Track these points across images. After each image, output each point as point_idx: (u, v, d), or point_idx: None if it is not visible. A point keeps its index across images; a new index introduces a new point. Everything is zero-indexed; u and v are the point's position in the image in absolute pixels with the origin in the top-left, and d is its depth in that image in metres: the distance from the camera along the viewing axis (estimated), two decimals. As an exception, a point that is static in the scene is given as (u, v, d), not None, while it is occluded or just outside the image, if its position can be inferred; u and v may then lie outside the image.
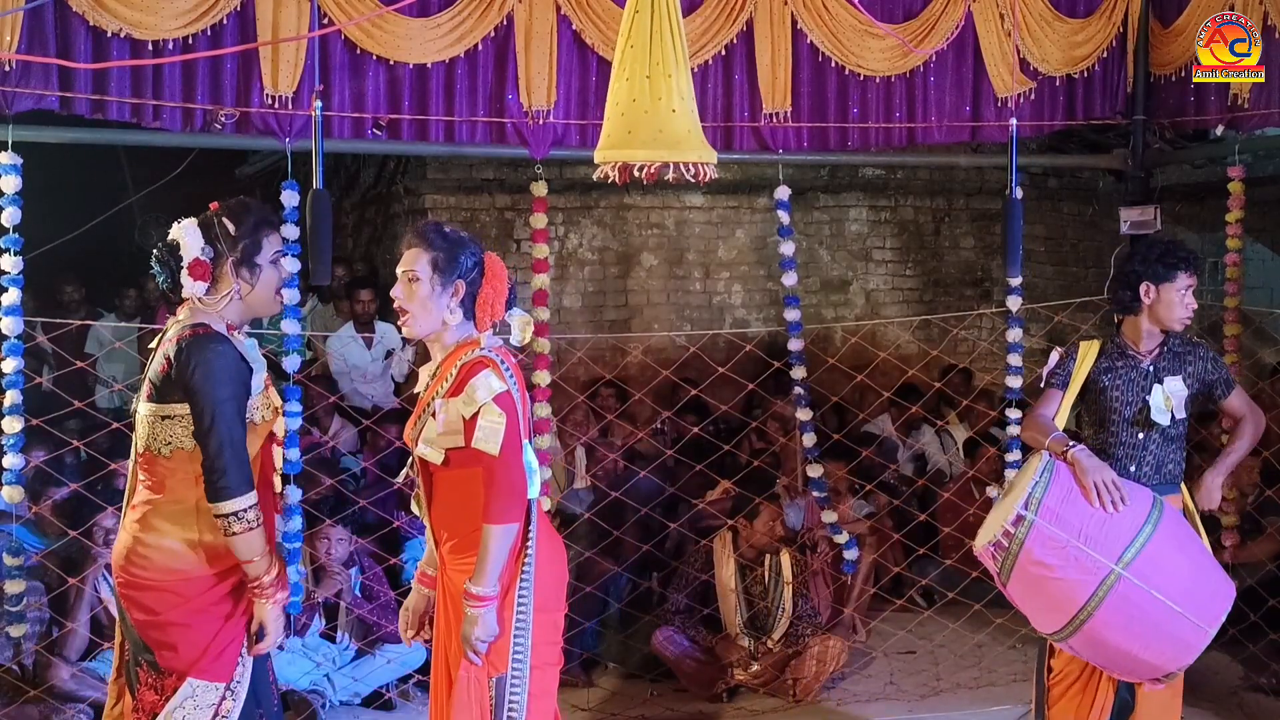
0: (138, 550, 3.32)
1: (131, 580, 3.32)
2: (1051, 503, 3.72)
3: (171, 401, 3.28)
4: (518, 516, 3.25)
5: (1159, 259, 4.11)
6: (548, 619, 3.34)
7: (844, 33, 5.94)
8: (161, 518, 3.32)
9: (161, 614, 3.29)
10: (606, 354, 7.78)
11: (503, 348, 3.36)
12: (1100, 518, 3.71)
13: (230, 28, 5.04)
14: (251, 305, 3.44)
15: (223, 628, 3.32)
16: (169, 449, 3.30)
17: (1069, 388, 4.17)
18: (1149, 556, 3.66)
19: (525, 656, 3.25)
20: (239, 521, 3.20)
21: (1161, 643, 3.69)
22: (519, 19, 5.47)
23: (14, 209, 4.77)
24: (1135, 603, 3.62)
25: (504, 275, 3.39)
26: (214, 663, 3.31)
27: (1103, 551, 3.65)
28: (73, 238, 6.33)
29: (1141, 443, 4.09)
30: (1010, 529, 3.71)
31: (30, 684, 5.16)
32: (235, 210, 3.41)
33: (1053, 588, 3.69)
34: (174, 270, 3.35)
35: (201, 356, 3.24)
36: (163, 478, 3.32)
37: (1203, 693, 5.27)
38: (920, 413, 7.43)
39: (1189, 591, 3.69)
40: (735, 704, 5.68)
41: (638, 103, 3.36)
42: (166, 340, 3.35)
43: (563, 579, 3.48)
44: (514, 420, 3.23)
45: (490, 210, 7.93)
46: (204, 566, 3.31)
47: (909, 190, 9.04)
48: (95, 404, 6.10)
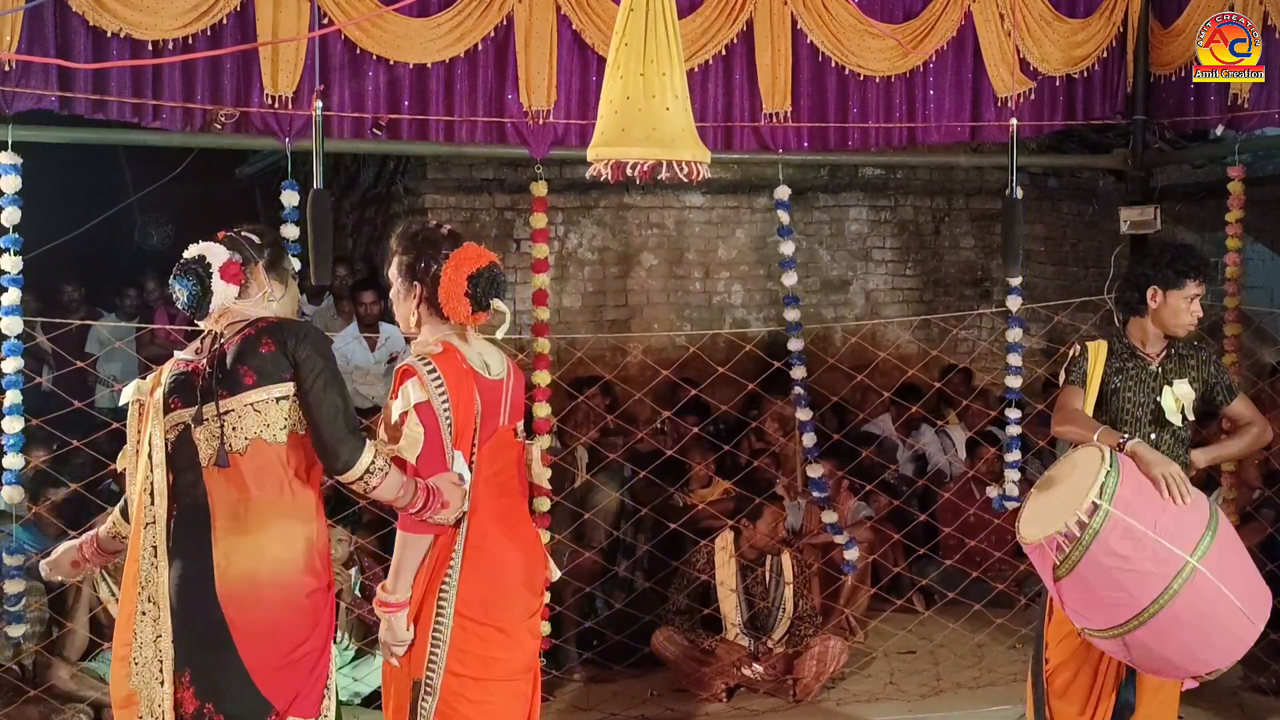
0: (264, 571, 3.07)
1: (260, 610, 3.06)
2: (1125, 494, 3.65)
3: (282, 381, 3.12)
4: (428, 528, 3.18)
5: (1169, 264, 4.09)
6: (474, 629, 3.23)
7: (844, 33, 5.95)
8: (281, 519, 3.12)
9: (294, 646, 3.10)
10: (606, 354, 7.78)
11: (443, 354, 3.23)
12: (1172, 510, 3.67)
13: (230, 28, 5.04)
14: (283, 311, 3.33)
15: (324, 648, 3.18)
16: (284, 432, 3.13)
17: (1087, 385, 4.16)
18: (1216, 551, 3.64)
19: (440, 664, 3.20)
20: (374, 475, 3.09)
21: (1221, 638, 3.67)
22: (519, 19, 5.47)
23: (14, 209, 4.77)
24: (1206, 596, 3.59)
25: (464, 270, 3.24)
26: (312, 693, 3.15)
27: (1179, 544, 3.61)
28: (73, 238, 6.34)
29: (1154, 444, 4.07)
30: (1085, 519, 3.62)
31: (30, 684, 5.16)
32: (248, 227, 3.35)
33: (1126, 579, 3.62)
34: (203, 277, 3.19)
35: (304, 326, 3.17)
36: (273, 473, 3.12)
37: (1203, 693, 5.25)
38: (920, 413, 7.43)
39: (1246, 587, 3.68)
40: (735, 704, 5.68)
41: (631, 100, 3.37)
42: (234, 335, 3.17)
43: (498, 591, 3.28)
44: (434, 432, 3.18)
45: (490, 210, 7.93)
46: (325, 571, 3.17)
47: (909, 190, 9.04)
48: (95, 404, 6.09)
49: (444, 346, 3.26)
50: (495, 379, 3.34)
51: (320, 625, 3.17)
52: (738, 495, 6.20)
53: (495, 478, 3.33)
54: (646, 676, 5.89)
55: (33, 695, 5.06)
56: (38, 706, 5.06)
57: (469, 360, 3.28)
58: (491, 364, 3.37)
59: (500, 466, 3.35)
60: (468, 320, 3.29)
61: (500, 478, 3.35)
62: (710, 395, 6.69)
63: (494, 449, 3.31)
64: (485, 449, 3.28)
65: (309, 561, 3.15)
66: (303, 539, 3.14)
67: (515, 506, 3.43)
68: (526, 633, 3.36)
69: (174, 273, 3.25)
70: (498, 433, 3.33)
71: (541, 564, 3.49)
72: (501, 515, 3.33)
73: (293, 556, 3.12)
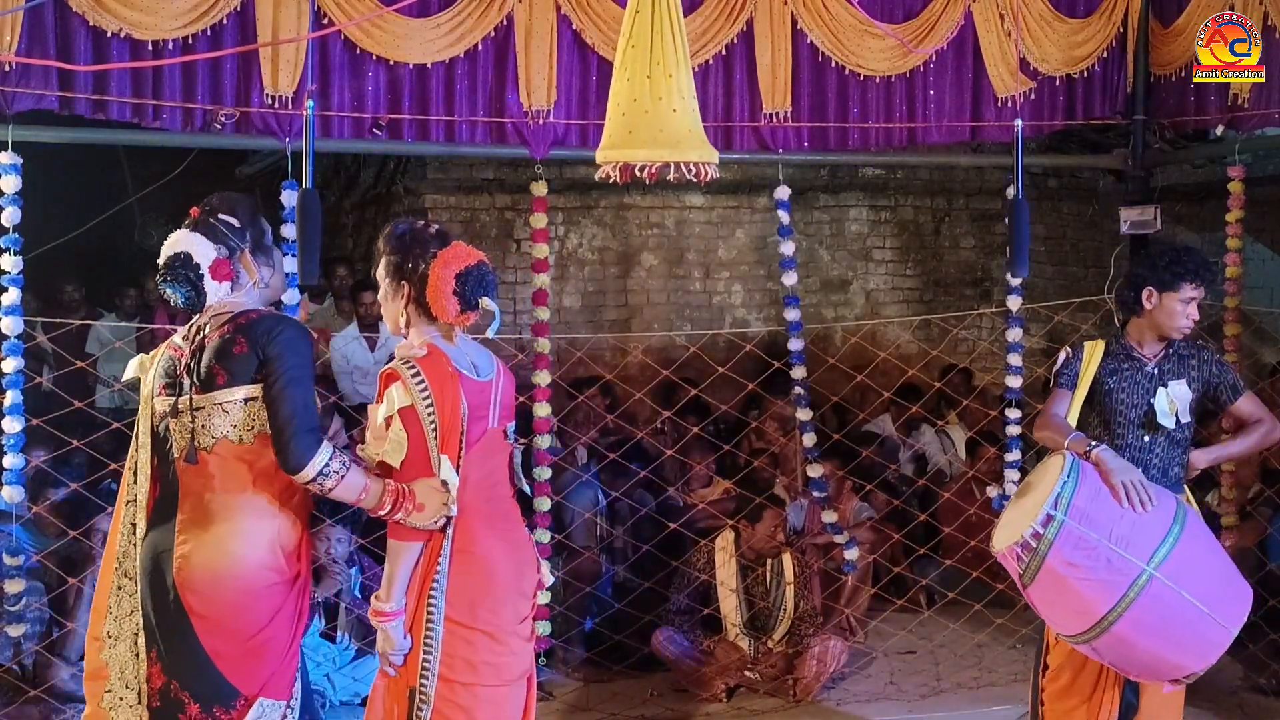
0: (229, 557, 3.10)
1: (220, 601, 3.10)
2: (1080, 503, 3.66)
3: (254, 382, 3.12)
4: (417, 534, 3.18)
5: (1167, 265, 4.06)
6: (462, 634, 3.21)
7: (844, 33, 5.95)
8: (245, 514, 3.14)
9: (254, 626, 3.12)
10: (606, 354, 7.78)
11: (427, 357, 3.20)
12: (1130, 518, 3.67)
13: (230, 28, 5.04)
14: (275, 289, 3.40)
15: (296, 634, 3.21)
16: (252, 435, 3.13)
17: (1077, 387, 4.15)
18: (1178, 557, 3.63)
19: (433, 670, 3.20)
20: (329, 478, 3.08)
21: (1190, 643, 3.67)
22: (519, 19, 5.47)
23: (14, 209, 4.77)
24: (1166, 603, 3.60)
25: (452, 268, 3.20)
26: (285, 677, 3.19)
27: (1134, 552, 3.61)
28: (73, 238, 6.34)
29: (1147, 445, 4.07)
30: (1039, 529, 3.63)
31: (30, 684, 5.17)
32: (224, 205, 3.32)
33: (1082, 589, 3.64)
34: (195, 280, 3.20)
35: (278, 324, 3.15)
36: (240, 469, 3.14)
37: (1203, 693, 5.25)
38: (920, 413, 7.42)
39: (1215, 592, 3.68)
40: (735, 704, 5.68)
41: (639, 102, 3.36)
42: (214, 330, 3.18)
43: (486, 593, 3.24)
44: (418, 437, 3.16)
45: (490, 210, 7.93)
46: (288, 565, 3.18)
47: (909, 190, 9.04)
48: (95, 404, 6.09)
49: (429, 349, 3.22)
50: (483, 381, 3.29)
51: (282, 614, 3.17)
52: (738, 495, 6.19)
53: (484, 480, 3.28)
54: (646, 676, 5.89)
55: (33, 695, 5.06)
56: (38, 706, 5.07)
57: (455, 362, 3.23)
58: (480, 365, 3.32)
59: (489, 469, 3.31)
60: (456, 320, 3.23)
61: (490, 480, 3.31)
62: (710, 395, 6.69)
63: (483, 451, 3.27)
64: (474, 452, 3.23)
65: (272, 558, 3.16)
66: (265, 536, 3.15)
67: (506, 509, 3.39)
68: (517, 637, 3.31)
69: (161, 275, 3.25)
70: (487, 435, 3.27)
71: (533, 567, 3.43)
72: (491, 518, 3.29)
73: (253, 553, 3.13)
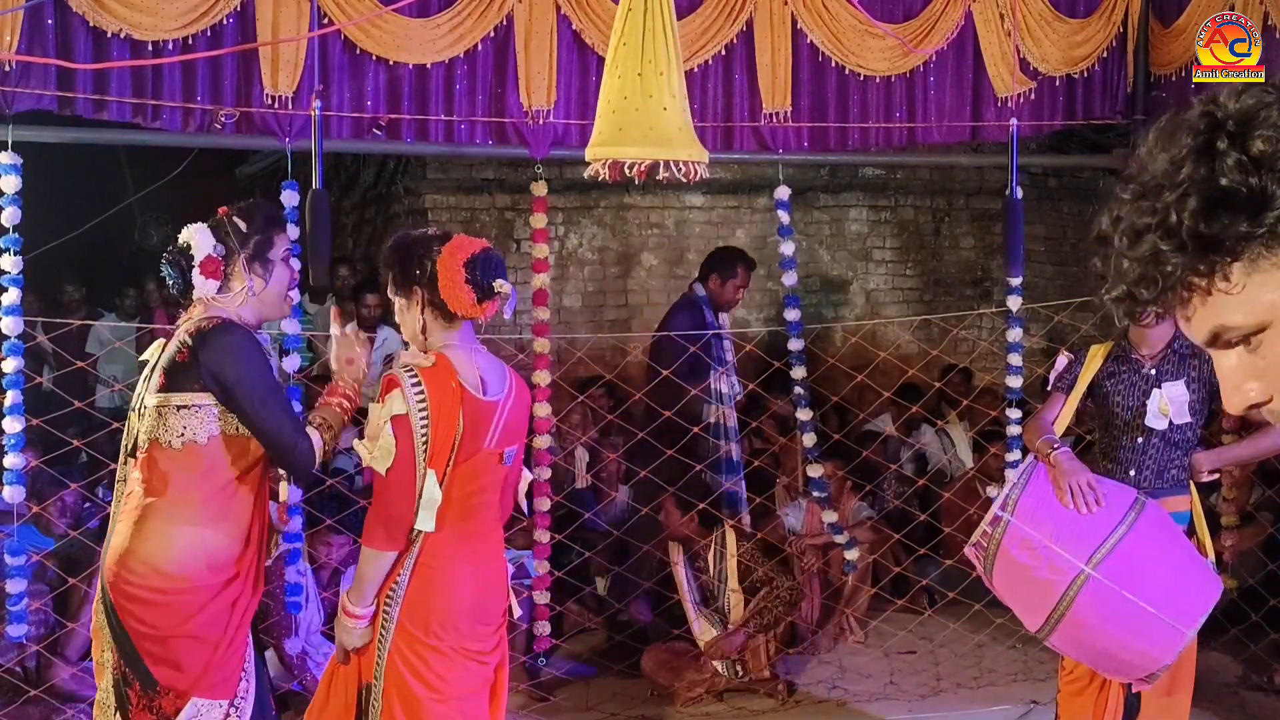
0: (137, 557, 3.16)
1: (131, 592, 3.15)
2: (1028, 503, 3.76)
3: (189, 390, 3.17)
4: (390, 544, 3.16)
5: None
6: (414, 644, 3.18)
7: (844, 33, 5.94)
8: (164, 520, 3.17)
9: (164, 628, 3.15)
10: (606, 354, 7.78)
11: (433, 368, 3.15)
12: (1073, 518, 3.72)
13: (230, 28, 5.04)
14: (265, 302, 3.38)
15: (229, 640, 3.23)
16: (181, 441, 3.16)
17: (1073, 391, 4.17)
18: (1121, 556, 3.65)
19: (381, 674, 3.20)
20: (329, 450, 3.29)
21: (1136, 642, 3.68)
22: (519, 19, 5.47)
23: (14, 209, 4.76)
24: (1106, 602, 3.63)
25: (458, 258, 3.16)
26: (219, 679, 3.22)
27: (1073, 551, 3.67)
28: (73, 238, 6.33)
29: (1141, 446, 4.07)
30: (988, 529, 3.77)
31: (32, 684, 5.17)
32: (244, 210, 3.39)
33: (1030, 587, 3.74)
34: (185, 270, 3.27)
35: (223, 341, 3.17)
36: (167, 474, 3.18)
37: (1203, 693, 5.25)
38: (920, 412, 7.42)
39: (1164, 591, 3.67)
40: (734, 704, 5.67)
41: (629, 100, 3.36)
42: (180, 332, 3.25)
43: (441, 612, 3.20)
44: (407, 448, 3.12)
45: (490, 210, 7.94)
46: (209, 574, 3.18)
47: (909, 190, 9.04)
48: (95, 404, 6.10)
49: (437, 359, 3.18)
50: (489, 400, 3.23)
51: (201, 618, 3.17)
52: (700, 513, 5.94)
53: (466, 501, 3.22)
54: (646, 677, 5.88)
55: (34, 695, 5.06)
56: (39, 707, 5.07)
57: (461, 376, 3.17)
58: (490, 383, 3.26)
59: (473, 490, 3.24)
60: (475, 310, 3.19)
61: (471, 501, 3.24)
62: (710, 395, 6.68)
63: (470, 472, 3.21)
64: (460, 470, 3.18)
65: (179, 566, 3.16)
66: (177, 544, 3.16)
67: (484, 533, 3.32)
68: (472, 661, 3.27)
69: (164, 256, 3.36)
70: (478, 455, 3.21)
71: (500, 596, 3.37)
72: (464, 539, 3.24)
73: (175, 558, 3.16)
